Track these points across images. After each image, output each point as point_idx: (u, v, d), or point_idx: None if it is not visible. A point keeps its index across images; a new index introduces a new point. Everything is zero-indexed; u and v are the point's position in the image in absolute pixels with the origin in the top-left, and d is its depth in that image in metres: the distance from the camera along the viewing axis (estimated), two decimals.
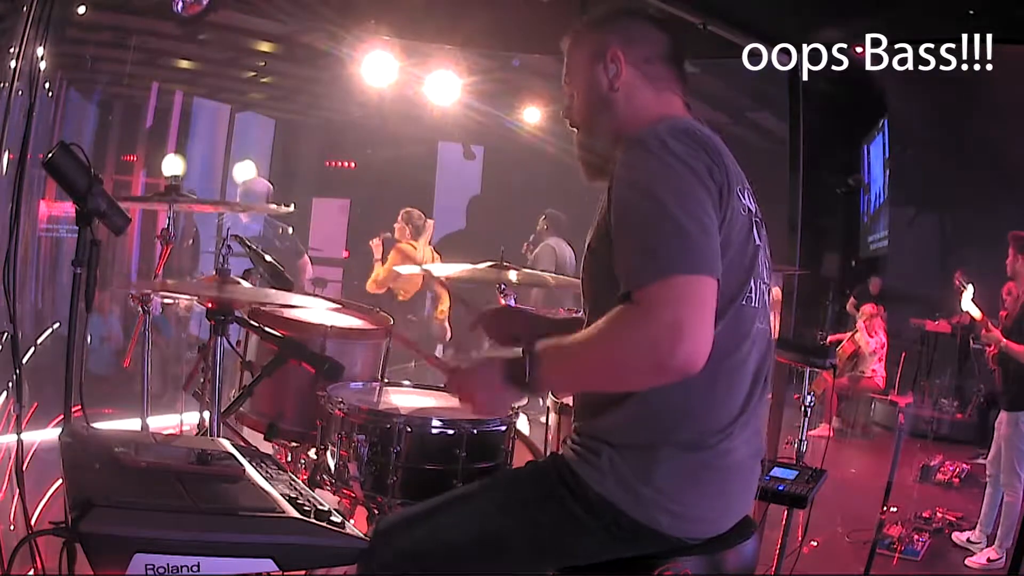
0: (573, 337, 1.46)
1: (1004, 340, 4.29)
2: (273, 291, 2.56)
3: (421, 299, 6.61)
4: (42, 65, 2.83)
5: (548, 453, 1.66)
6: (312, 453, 2.25)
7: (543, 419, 2.69)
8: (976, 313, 4.57)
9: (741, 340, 1.52)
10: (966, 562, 4.29)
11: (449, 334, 6.36)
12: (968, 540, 4.40)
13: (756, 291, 1.55)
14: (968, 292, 4.62)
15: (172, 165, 7.61)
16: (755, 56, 4.49)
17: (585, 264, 1.63)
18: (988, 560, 4.23)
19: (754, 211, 1.57)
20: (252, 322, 2.32)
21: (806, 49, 4.43)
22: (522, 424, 2.19)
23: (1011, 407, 4.32)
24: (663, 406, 1.49)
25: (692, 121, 1.59)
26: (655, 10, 3.75)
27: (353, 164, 9.78)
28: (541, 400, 2.56)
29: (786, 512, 2.62)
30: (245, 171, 7.11)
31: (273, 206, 3.25)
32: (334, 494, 1.99)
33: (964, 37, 4.05)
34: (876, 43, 4.32)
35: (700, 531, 1.54)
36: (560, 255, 6.10)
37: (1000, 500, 4.27)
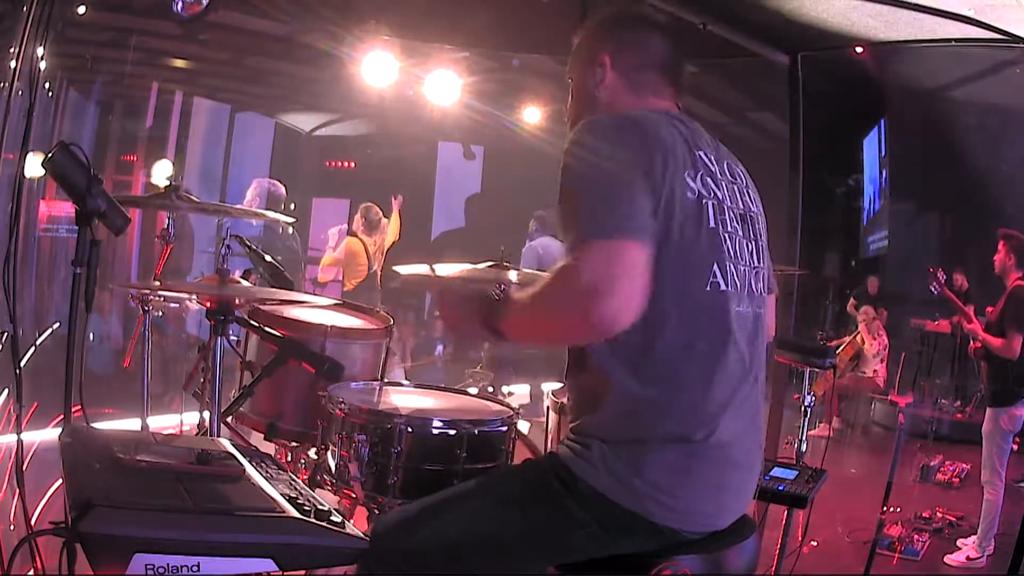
0: (527, 291, 1.54)
1: (982, 333, 4.30)
2: (273, 291, 2.56)
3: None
4: (42, 65, 2.83)
5: (547, 453, 1.66)
6: (312, 453, 2.25)
7: (543, 420, 2.69)
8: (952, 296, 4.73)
9: (714, 326, 1.53)
10: (945, 559, 4.29)
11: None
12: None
13: (729, 273, 1.55)
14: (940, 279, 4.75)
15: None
16: (755, 56, 4.50)
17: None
18: (967, 559, 4.24)
19: (711, 196, 1.57)
20: (252, 322, 2.32)
21: (805, 49, 4.44)
22: (522, 424, 2.19)
23: (991, 403, 4.33)
24: (647, 401, 1.50)
25: (650, 112, 1.63)
26: (655, 10, 3.75)
27: (353, 164, 9.79)
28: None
29: (786, 512, 2.62)
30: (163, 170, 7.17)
31: (271, 213, 3.24)
32: (334, 494, 1.99)
33: (964, 37, 4.05)
34: (876, 43, 4.32)
35: (695, 524, 1.54)
36: (546, 255, 6.29)
37: (1000, 503, 4.27)
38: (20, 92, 2.87)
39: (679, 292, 1.49)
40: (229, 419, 2.36)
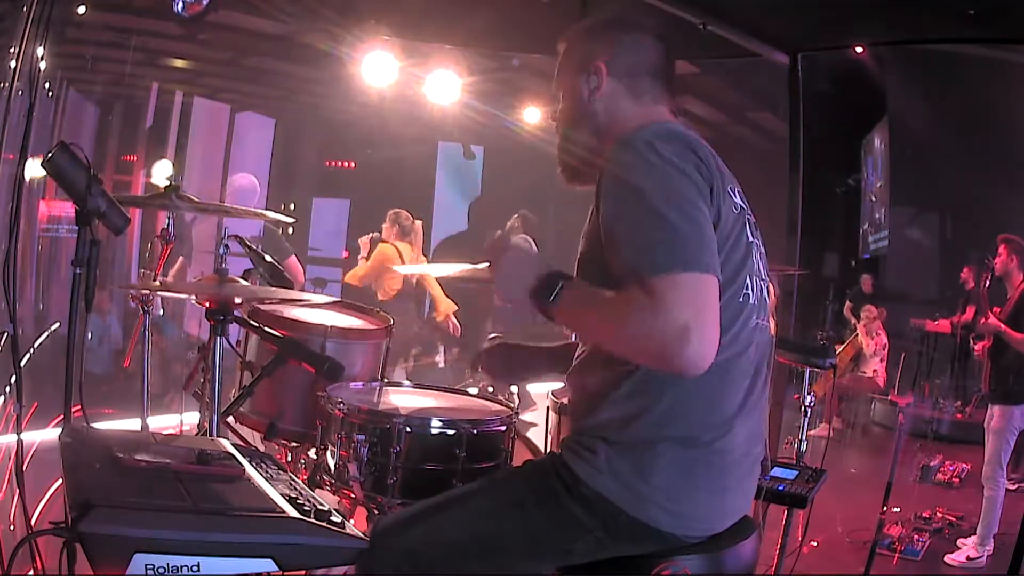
0: (599, 292, 1.45)
1: (1004, 327, 4.30)
2: (273, 291, 2.55)
3: (416, 301, 6.59)
4: (42, 65, 2.82)
5: (547, 453, 1.65)
6: (312, 453, 2.25)
7: (540, 423, 2.69)
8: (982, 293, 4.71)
9: (737, 336, 1.52)
10: (945, 559, 4.29)
11: (458, 332, 6.38)
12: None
13: (753, 288, 1.55)
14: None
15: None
16: (755, 56, 4.51)
17: (578, 272, 1.63)
18: (967, 558, 4.23)
19: (745, 209, 1.58)
20: (252, 322, 2.32)
21: (806, 49, 4.44)
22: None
23: (1004, 401, 4.33)
24: (659, 402, 1.49)
25: (679, 124, 1.61)
26: (655, 11, 3.75)
27: (353, 164, 9.79)
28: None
29: (786, 512, 2.62)
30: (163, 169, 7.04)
31: (270, 213, 3.24)
32: (334, 494, 1.99)
33: (964, 37, 4.05)
34: (876, 43, 4.33)
35: (698, 530, 1.54)
36: None
37: (1001, 501, 4.27)
38: (20, 92, 2.87)
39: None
40: (229, 419, 2.36)
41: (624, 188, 1.45)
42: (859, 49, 4.60)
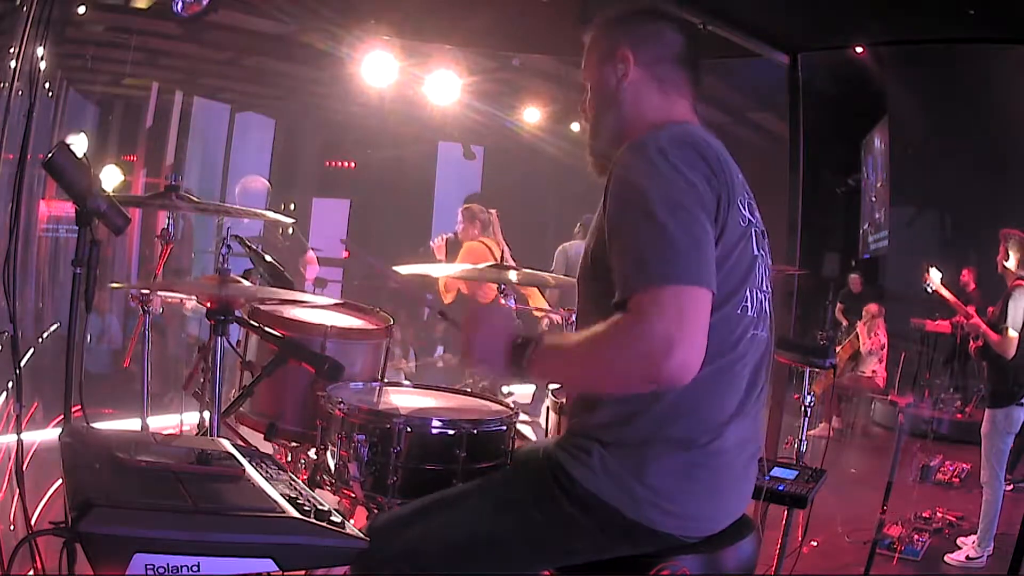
0: (572, 337, 1.49)
1: (983, 326, 4.30)
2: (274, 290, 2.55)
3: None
4: (42, 65, 2.83)
5: (544, 454, 1.64)
6: (312, 453, 2.25)
7: (541, 421, 2.69)
8: (947, 294, 4.80)
9: (733, 346, 1.52)
10: (945, 558, 4.29)
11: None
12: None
13: (752, 300, 1.55)
14: (935, 275, 4.81)
15: (109, 175, 7.28)
16: (755, 56, 4.50)
17: (582, 264, 1.64)
18: (967, 558, 4.23)
19: (755, 222, 1.57)
20: (252, 322, 2.32)
21: (806, 49, 4.44)
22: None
23: (989, 403, 4.34)
24: (654, 405, 1.49)
25: (697, 128, 1.60)
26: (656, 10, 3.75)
27: (353, 164, 9.80)
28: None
29: (786, 512, 2.62)
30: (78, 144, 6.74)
31: (271, 213, 3.24)
32: (334, 494, 1.99)
33: (964, 37, 4.05)
34: (876, 43, 4.32)
35: (694, 529, 1.54)
36: (574, 259, 5.62)
37: (999, 502, 4.27)
38: (20, 92, 2.88)
39: (715, 316, 1.43)
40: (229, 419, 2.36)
41: (629, 192, 1.45)
42: (859, 49, 4.60)
